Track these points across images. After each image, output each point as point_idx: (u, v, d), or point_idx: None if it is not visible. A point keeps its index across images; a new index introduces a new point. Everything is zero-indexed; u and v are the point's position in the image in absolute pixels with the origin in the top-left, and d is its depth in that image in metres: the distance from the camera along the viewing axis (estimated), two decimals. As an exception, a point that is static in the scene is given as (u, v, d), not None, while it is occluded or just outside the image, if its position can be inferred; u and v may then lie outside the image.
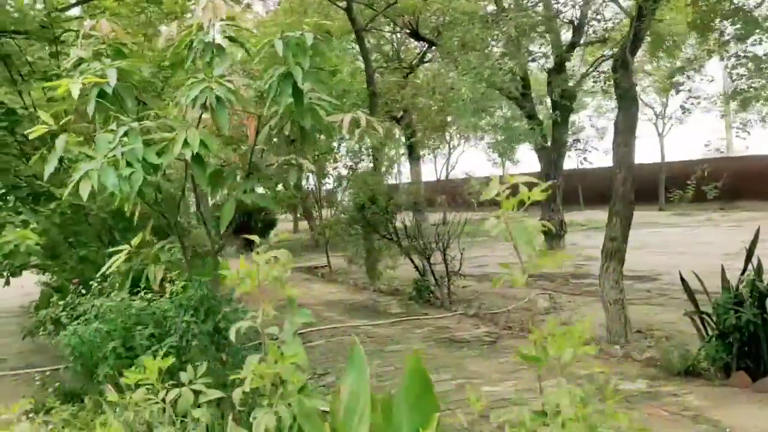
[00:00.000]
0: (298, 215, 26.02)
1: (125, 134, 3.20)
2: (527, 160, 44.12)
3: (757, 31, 7.46)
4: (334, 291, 11.94)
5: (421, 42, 17.70)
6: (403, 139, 21.90)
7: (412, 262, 10.55)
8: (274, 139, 4.23)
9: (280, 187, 5.09)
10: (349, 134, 3.85)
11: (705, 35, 10.10)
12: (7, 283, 5.83)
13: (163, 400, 3.01)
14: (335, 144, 15.34)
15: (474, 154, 63.27)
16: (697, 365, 5.62)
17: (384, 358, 6.76)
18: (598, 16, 13.93)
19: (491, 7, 11.78)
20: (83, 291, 4.81)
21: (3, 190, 5.76)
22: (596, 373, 5.91)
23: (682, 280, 5.85)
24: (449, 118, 19.82)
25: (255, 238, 3.05)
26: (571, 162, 24.68)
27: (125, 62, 3.54)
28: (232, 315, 3.66)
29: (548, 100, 17.64)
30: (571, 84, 15.62)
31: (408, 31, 16.38)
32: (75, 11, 9.51)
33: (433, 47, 16.43)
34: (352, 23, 12.07)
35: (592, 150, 20.24)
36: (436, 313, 9.35)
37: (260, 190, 4.40)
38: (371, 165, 29.39)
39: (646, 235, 19.17)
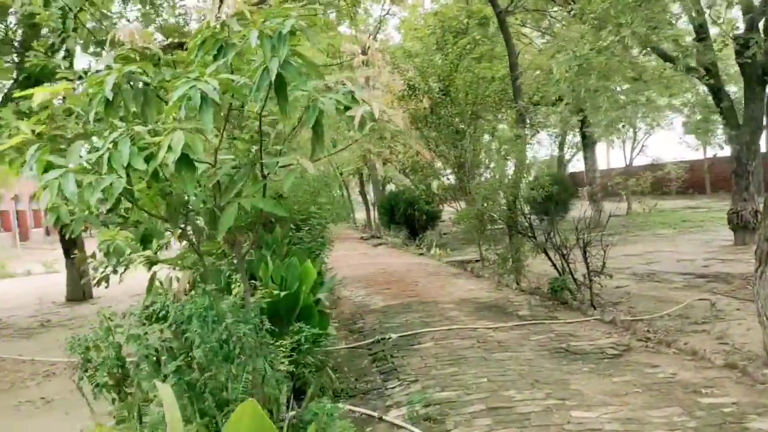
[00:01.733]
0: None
1: (115, 140, 3.17)
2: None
3: None
4: (473, 288, 11.43)
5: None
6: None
7: (550, 259, 9.69)
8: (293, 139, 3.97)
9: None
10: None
11: None
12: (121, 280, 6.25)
13: None
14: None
15: (668, 137, 57.39)
16: None
17: (480, 368, 6.20)
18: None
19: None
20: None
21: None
22: (728, 403, 4.89)
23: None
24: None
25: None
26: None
27: (134, 66, 3.52)
28: (234, 326, 3.46)
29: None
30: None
31: (568, 10, 15.15)
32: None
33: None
34: (492, 5, 11.39)
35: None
36: (570, 316, 8.47)
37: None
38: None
39: None
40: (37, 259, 25.50)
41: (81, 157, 3.14)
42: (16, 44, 11.15)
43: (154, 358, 4.24)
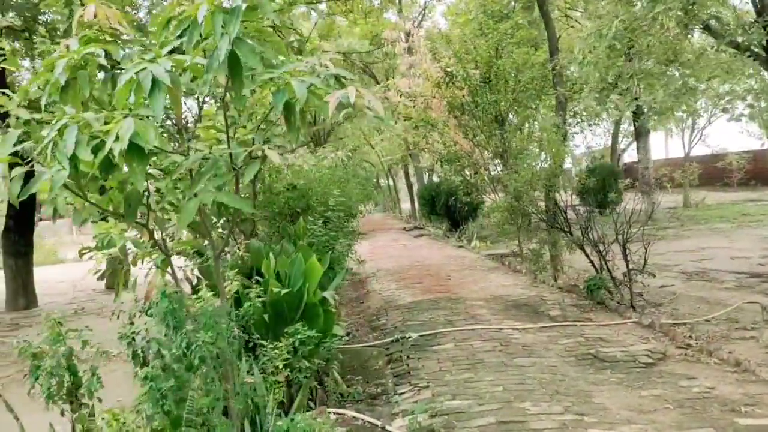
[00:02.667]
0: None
1: (61, 129, 2.89)
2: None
3: None
4: (508, 283, 10.90)
5: None
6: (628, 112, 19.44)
7: (588, 257, 9.08)
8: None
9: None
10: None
11: None
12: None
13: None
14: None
15: (728, 125, 54.44)
16: None
17: (498, 374, 5.76)
18: None
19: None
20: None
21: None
22: (770, 426, 4.32)
23: None
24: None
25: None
26: None
27: (97, 47, 3.24)
28: (193, 334, 3.14)
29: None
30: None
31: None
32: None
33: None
34: (531, -14, 10.75)
35: None
36: (606, 318, 7.89)
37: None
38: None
39: None
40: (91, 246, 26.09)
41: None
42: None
43: (141, 360, 4.02)
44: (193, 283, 6.38)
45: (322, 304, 5.65)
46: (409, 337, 7.39)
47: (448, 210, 20.75)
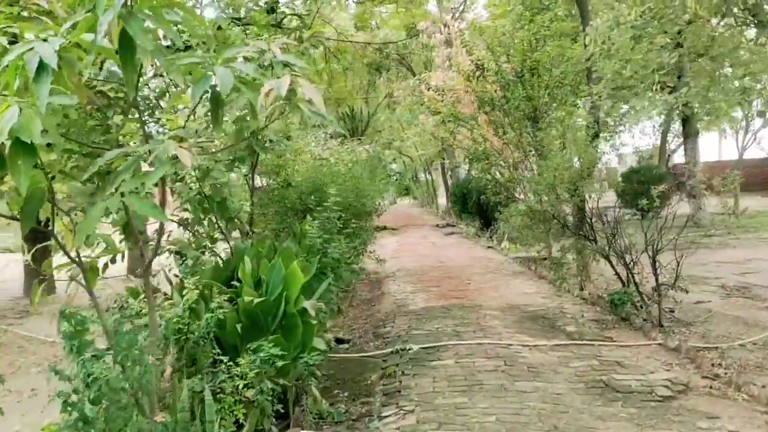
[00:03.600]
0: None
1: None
2: None
3: None
4: (530, 291, 10.23)
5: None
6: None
7: (613, 268, 8.35)
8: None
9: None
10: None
11: None
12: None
13: None
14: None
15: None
16: None
17: (494, 400, 5.18)
18: None
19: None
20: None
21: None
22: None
23: None
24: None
25: None
26: None
27: (5, 23, 2.82)
28: (90, 363, 2.69)
29: None
30: None
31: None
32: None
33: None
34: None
35: None
36: (629, 337, 7.18)
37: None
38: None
39: None
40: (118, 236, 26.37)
41: None
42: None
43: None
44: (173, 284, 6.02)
45: (301, 315, 5.17)
46: (409, 350, 6.86)
47: (480, 208, 20.03)
